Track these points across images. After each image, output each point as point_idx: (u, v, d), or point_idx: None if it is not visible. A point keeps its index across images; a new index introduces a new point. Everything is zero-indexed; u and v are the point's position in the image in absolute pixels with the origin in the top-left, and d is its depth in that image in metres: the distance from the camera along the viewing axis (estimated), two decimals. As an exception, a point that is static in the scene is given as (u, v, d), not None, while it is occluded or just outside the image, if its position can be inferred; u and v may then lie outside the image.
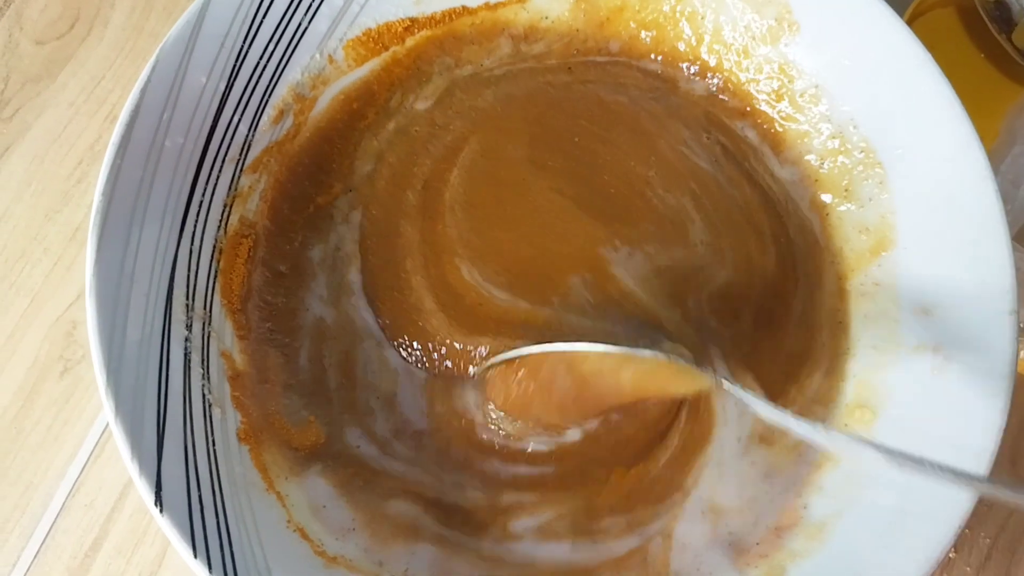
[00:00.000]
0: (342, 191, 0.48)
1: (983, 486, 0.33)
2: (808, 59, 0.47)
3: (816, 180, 0.48)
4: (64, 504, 0.48)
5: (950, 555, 0.48)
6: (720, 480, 0.43)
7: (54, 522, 0.48)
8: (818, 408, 0.44)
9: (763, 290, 0.47)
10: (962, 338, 0.41)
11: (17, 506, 0.48)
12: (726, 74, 0.50)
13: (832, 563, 0.39)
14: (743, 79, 0.50)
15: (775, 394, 0.44)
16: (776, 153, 0.49)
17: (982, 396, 0.39)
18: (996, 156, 0.51)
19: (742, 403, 0.39)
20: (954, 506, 0.37)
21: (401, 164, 0.48)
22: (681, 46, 0.50)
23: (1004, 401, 0.39)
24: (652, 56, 0.51)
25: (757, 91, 0.49)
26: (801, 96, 0.48)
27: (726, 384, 0.39)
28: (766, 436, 0.43)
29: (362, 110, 0.49)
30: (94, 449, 0.49)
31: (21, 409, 0.49)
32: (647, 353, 0.39)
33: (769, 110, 0.49)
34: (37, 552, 0.47)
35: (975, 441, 0.39)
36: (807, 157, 0.48)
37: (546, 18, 0.51)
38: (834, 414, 0.44)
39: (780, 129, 0.49)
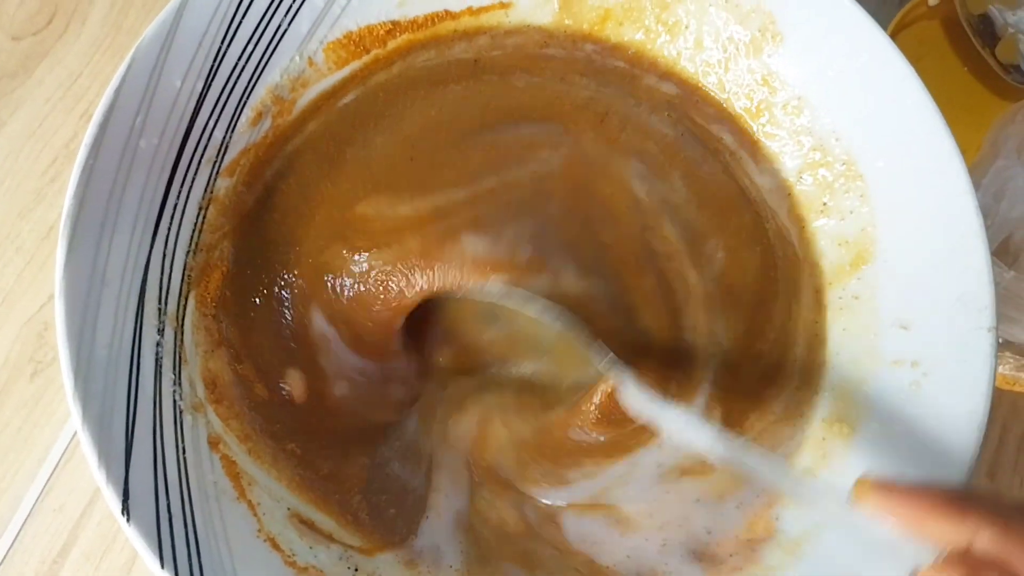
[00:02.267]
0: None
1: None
2: (791, 70, 0.47)
3: (793, 193, 0.48)
4: (33, 508, 0.47)
5: (926, 569, 0.48)
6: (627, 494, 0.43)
7: (22, 526, 0.47)
8: (785, 426, 0.44)
9: (744, 296, 0.47)
10: (941, 353, 0.41)
11: (-16, 510, 0.47)
12: (706, 83, 0.50)
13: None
14: (725, 89, 0.49)
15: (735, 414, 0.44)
16: (755, 161, 0.49)
17: (960, 411, 0.39)
18: (978, 169, 0.51)
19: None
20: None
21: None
22: (663, 54, 0.50)
23: (982, 416, 0.39)
24: (631, 65, 0.51)
25: (737, 101, 0.49)
26: (783, 108, 0.48)
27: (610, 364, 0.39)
28: (691, 469, 0.43)
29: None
30: (64, 452, 0.48)
31: (-10, 411, 0.49)
32: (552, 319, 0.40)
33: (749, 119, 0.49)
34: (4, 556, 0.46)
35: (954, 455, 0.39)
36: (787, 167, 0.48)
37: (528, 26, 0.50)
38: (805, 430, 0.44)
39: (759, 138, 0.49)
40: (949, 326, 0.41)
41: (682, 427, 0.36)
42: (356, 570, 0.40)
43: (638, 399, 0.38)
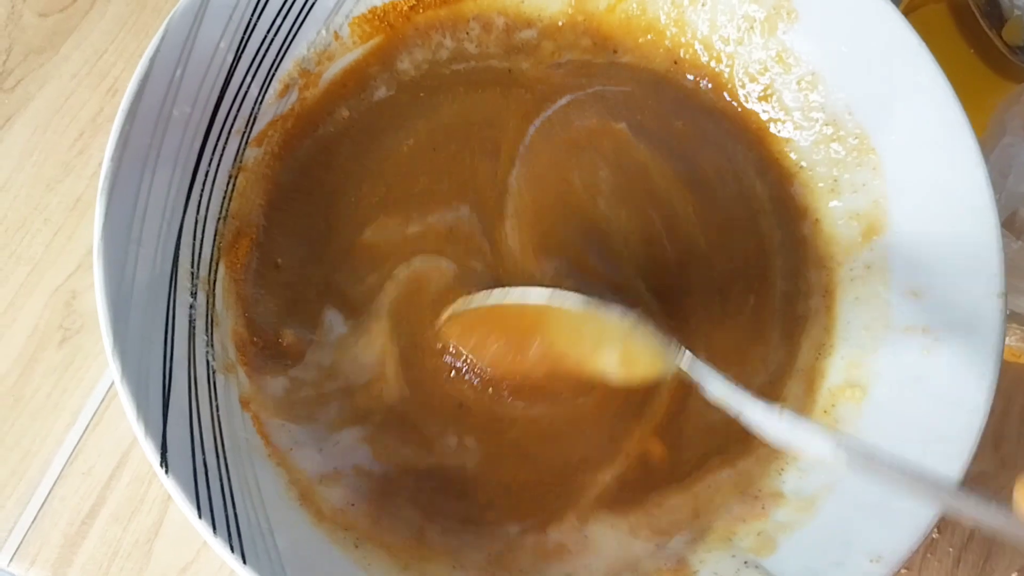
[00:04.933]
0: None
1: (948, 497, 0.30)
2: (805, 46, 0.48)
3: (804, 167, 0.49)
4: (62, 471, 0.48)
5: (933, 535, 0.50)
6: None
7: (51, 489, 0.48)
8: (799, 390, 0.45)
9: (749, 263, 0.48)
10: (951, 319, 0.42)
11: (15, 472, 0.48)
12: (722, 62, 0.51)
13: (821, 534, 0.40)
14: (739, 67, 0.50)
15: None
16: (767, 143, 0.50)
17: (970, 376, 0.40)
18: (985, 147, 0.52)
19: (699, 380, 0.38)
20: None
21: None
22: (679, 34, 0.51)
23: (991, 381, 0.40)
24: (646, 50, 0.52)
25: (752, 79, 0.50)
26: (798, 83, 0.49)
27: (688, 360, 0.38)
28: None
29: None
30: (93, 417, 0.49)
31: (20, 377, 0.50)
32: (615, 313, 0.39)
33: (762, 93, 0.50)
34: (34, 519, 0.47)
35: (962, 421, 0.40)
36: (800, 144, 0.49)
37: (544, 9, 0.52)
38: (817, 397, 0.45)
39: (772, 114, 0.50)
40: (959, 293, 0.42)
41: (765, 419, 0.35)
42: (378, 522, 0.41)
43: (722, 391, 0.37)
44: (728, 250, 0.49)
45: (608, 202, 0.49)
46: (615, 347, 0.40)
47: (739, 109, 0.51)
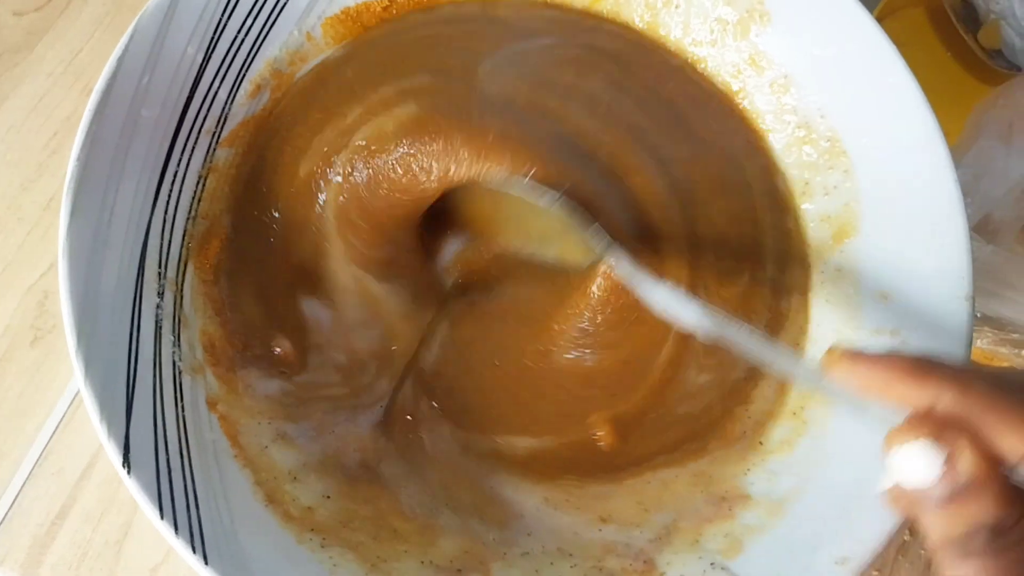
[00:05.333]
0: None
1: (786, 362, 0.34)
2: (778, 49, 0.48)
3: (777, 171, 0.49)
4: (32, 471, 0.48)
5: (905, 538, 0.50)
6: None
7: (21, 489, 0.48)
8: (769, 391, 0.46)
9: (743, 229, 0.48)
10: (919, 322, 0.42)
11: (-15, 472, 0.48)
12: (693, 63, 0.51)
13: (789, 537, 0.40)
14: (711, 68, 0.50)
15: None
16: (746, 139, 0.50)
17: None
18: (960, 150, 0.52)
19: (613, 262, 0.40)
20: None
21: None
22: (653, 34, 0.51)
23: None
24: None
25: (723, 80, 0.50)
26: (771, 86, 0.49)
27: (606, 245, 0.40)
28: None
29: None
30: (63, 417, 0.49)
31: (-9, 376, 0.50)
32: (545, 197, 0.41)
33: (735, 97, 0.50)
34: (3, 519, 0.47)
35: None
36: (773, 145, 0.49)
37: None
38: (787, 399, 0.45)
39: (745, 115, 0.50)
40: (927, 296, 0.42)
41: (671, 303, 0.37)
42: (346, 525, 0.41)
43: (631, 275, 0.39)
44: (723, 207, 0.48)
45: (591, 122, 0.47)
46: (549, 231, 0.42)
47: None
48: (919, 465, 0.27)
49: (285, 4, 0.46)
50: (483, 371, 0.46)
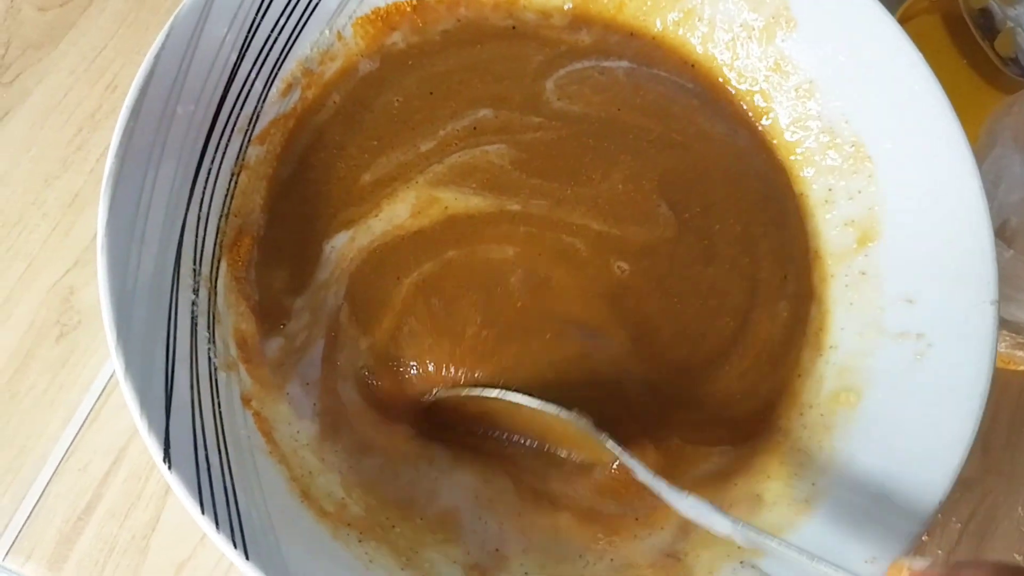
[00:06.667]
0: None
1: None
2: (803, 55, 0.49)
3: (800, 178, 0.50)
4: (57, 468, 0.48)
5: (923, 538, 0.50)
6: None
7: (47, 485, 0.48)
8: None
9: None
10: (945, 325, 0.43)
11: (10, 468, 0.48)
12: (719, 70, 0.51)
13: (817, 536, 0.41)
14: (737, 73, 0.51)
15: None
16: (763, 145, 0.51)
17: (963, 380, 0.41)
18: (975, 158, 0.53)
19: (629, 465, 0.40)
20: (930, 492, 0.40)
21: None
22: (678, 41, 0.52)
23: (984, 388, 0.41)
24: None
25: (748, 84, 0.51)
26: (795, 91, 0.49)
27: (614, 449, 0.40)
28: None
29: None
30: (89, 413, 0.49)
31: (16, 372, 0.49)
32: (552, 409, 0.41)
33: (760, 101, 0.51)
34: (30, 515, 0.47)
35: (954, 427, 0.41)
36: (796, 150, 0.50)
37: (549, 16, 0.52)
38: (813, 400, 0.46)
39: (768, 123, 0.50)
40: (953, 299, 0.43)
41: (696, 513, 0.37)
42: (387, 520, 0.42)
43: (644, 477, 0.39)
44: (740, 207, 0.50)
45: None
46: (565, 429, 0.42)
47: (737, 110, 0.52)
48: None
49: (317, 4, 0.47)
50: None
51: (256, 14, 0.45)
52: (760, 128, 0.51)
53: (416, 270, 0.46)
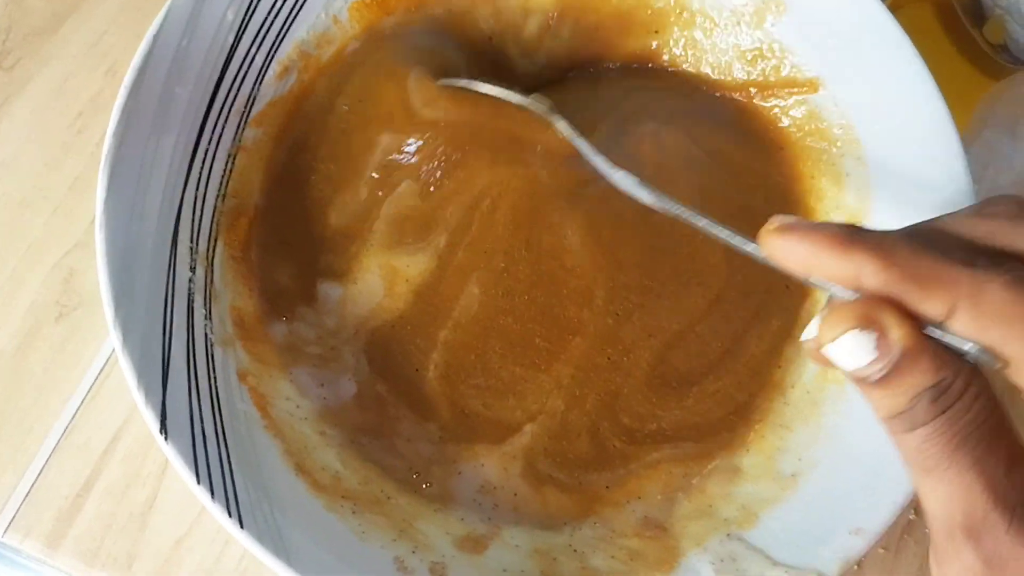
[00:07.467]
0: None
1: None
2: (793, 40, 0.49)
3: (791, 160, 0.51)
4: (57, 445, 0.49)
5: (910, 516, 0.51)
6: None
7: (47, 461, 0.49)
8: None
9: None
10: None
11: (11, 444, 0.49)
12: (707, 57, 0.52)
13: (804, 508, 0.41)
14: (723, 61, 0.52)
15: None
16: (750, 127, 0.52)
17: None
18: (965, 142, 0.54)
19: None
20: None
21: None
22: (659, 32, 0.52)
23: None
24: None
25: (736, 70, 0.51)
26: (784, 75, 0.50)
27: (564, 130, 0.42)
28: None
29: None
30: (89, 391, 0.50)
31: (18, 351, 0.50)
32: (515, 98, 0.44)
33: (747, 87, 0.51)
34: (29, 491, 0.48)
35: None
36: (785, 131, 0.51)
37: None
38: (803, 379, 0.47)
39: (757, 103, 0.51)
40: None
41: (625, 185, 0.37)
42: (383, 492, 0.42)
43: (575, 138, 0.41)
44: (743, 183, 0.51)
45: None
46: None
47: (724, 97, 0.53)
48: (853, 351, 0.27)
49: (314, -12, 0.47)
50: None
51: (253, -3, 0.46)
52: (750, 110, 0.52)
53: (430, 363, 0.46)
